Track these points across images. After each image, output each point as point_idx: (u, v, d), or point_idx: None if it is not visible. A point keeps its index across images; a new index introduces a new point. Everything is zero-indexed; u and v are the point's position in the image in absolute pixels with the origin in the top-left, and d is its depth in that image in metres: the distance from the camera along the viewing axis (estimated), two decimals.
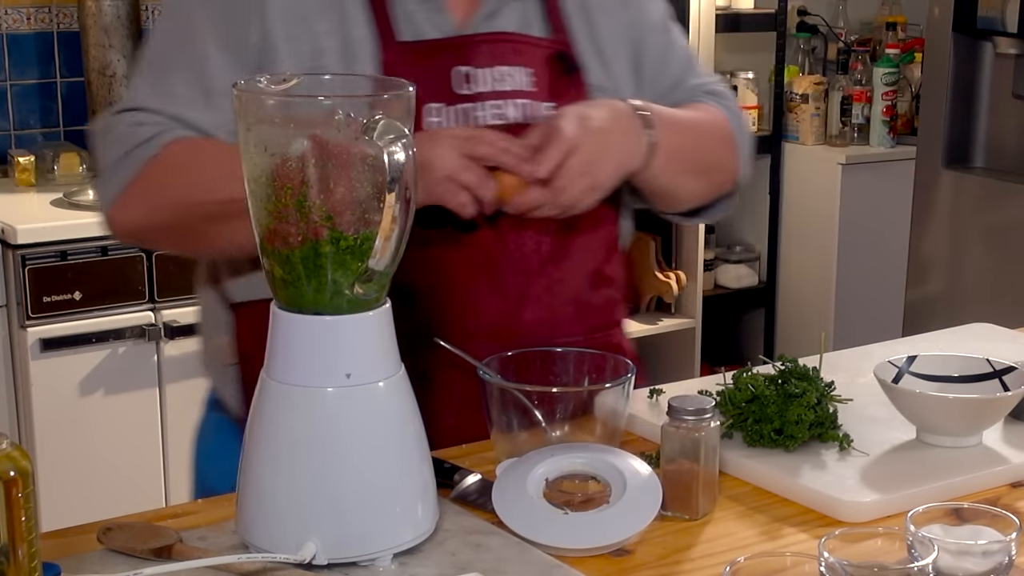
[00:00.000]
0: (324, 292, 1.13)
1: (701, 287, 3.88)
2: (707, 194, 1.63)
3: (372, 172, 1.11)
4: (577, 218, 1.46)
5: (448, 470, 1.32)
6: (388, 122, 1.09)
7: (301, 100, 1.12)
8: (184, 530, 1.21)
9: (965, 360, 1.49)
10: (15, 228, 2.81)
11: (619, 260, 1.61)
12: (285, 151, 1.11)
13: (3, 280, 2.87)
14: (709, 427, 1.27)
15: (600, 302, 1.57)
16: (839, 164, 3.98)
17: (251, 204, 1.15)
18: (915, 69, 4.13)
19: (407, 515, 1.17)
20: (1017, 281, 3.45)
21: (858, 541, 1.10)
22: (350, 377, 1.14)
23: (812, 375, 1.42)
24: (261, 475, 1.15)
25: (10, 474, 0.94)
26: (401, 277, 1.19)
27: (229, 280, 1.50)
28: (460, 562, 1.17)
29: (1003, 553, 1.10)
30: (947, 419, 1.40)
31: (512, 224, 1.45)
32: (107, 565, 1.15)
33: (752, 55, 4.20)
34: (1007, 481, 1.37)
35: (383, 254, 1.11)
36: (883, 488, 1.31)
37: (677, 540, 1.24)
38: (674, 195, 1.58)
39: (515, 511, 1.22)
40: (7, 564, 0.95)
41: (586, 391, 1.38)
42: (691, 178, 1.56)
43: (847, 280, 4.05)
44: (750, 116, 4.08)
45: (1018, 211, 3.48)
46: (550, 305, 1.51)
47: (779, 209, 4.18)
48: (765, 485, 1.35)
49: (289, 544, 1.13)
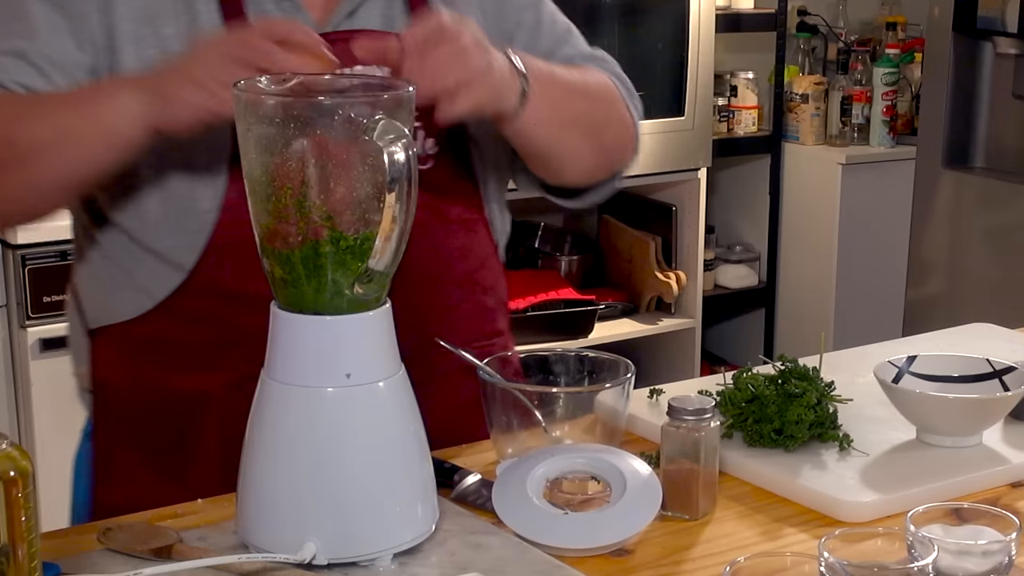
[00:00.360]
0: (324, 292, 1.13)
1: (701, 287, 3.87)
2: (600, 160, 1.51)
3: (372, 172, 1.11)
4: (444, 222, 1.42)
5: (448, 470, 1.32)
6: (388, 122, 1.09)
7: (301, 100, 1.12)
8: (184, 530, 1.21)
9: (965, 360, 1.49)
10: (15, 228, 2.81)
11: (495, 267, 1.53)
12: (285, 151, 1.11)
13: (3, 280, 2.86)
14: (709, 427, 1.27)
15: (474, 311, 1.51)
16: (839, 164, 3.98)
17: (251, 204, 1.15)
18: (915, 69, 4.13)
19: (407, 515, 1.17)
20: (1017, 281, 3.45)
21: (858, 541, 1.10)
22: (350, 377, 1.14)
23: (812, 375, 1.42)
24: (261, 475, 1.15)
25: (10, 474, 0.94)
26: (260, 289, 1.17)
27: (87, 302, 1.46)
28: (460, 562, 1.17)
29: (1003, 553, 1.10)
30: (947, 419, 1.40)
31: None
32: (107, 565, 1.15)
33: (752, 55, 4.20)
34: (1007, 481, 1.37)
35: (383, 254, 1.11)
36: (883, 488, 1.31)
37: (677, 540, 1.24)
38: (560, 156, 1.45)
39: (515, 511, 1.22)
40: (7, 564, 0.95)
41: (586, 391, 1.38)
42: (576, 136, 1.45)
43: (847, 280, 4.05)
44: (750, 116, 4.09)
45: (1018, 211, 3.48)
46: (417, 317, 1.40)
47: (779, 209, 4.17)
48: (765, 485, 1.35)
49: (289, 544, 1.13)
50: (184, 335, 1.40)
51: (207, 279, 1.37)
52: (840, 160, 3.98)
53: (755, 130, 4.11)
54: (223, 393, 1.39)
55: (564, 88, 1.42)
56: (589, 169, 1.51)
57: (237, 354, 1.36)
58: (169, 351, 1.41)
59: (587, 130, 1.46)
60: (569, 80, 1.44)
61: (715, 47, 3.74)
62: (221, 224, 1.36)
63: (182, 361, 1.41)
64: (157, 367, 1.41)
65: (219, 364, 1.39)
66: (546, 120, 1.38)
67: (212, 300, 1.38)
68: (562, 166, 1.48)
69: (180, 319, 1.39)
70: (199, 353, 1.40)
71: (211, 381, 1.39)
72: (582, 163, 1.49)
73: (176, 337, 1.40)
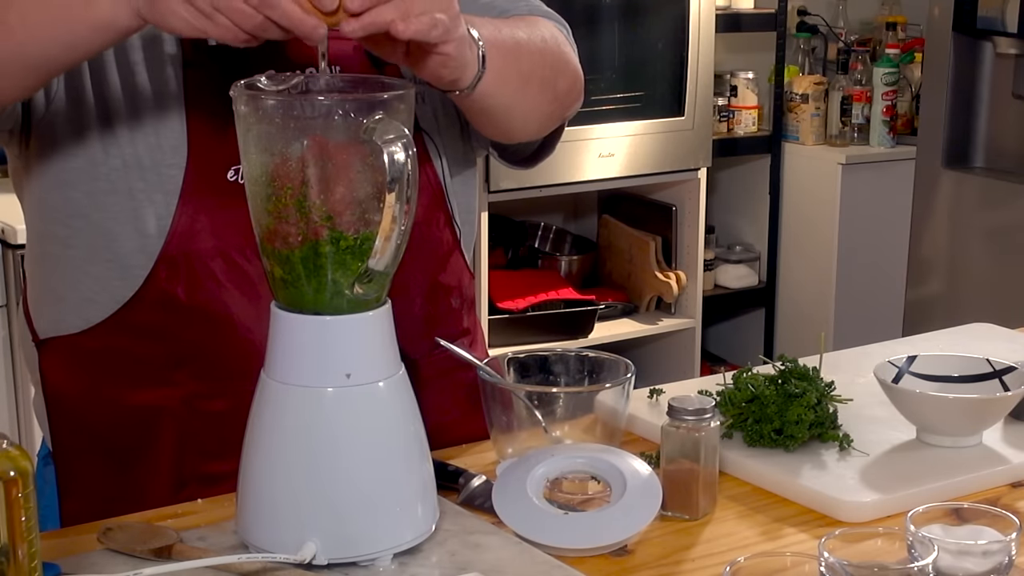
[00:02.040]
0: (324, 292, 1.13)
1: (701, 287, 3.88)
2: (552, 109, 1.44)
3: (372, 172, 1.11)
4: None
5: (452, 473, 1.32)
6: (388, 122, 1.09)
7: (301, 100, 1.12)
8: (184, 530, 1.21)
9: (965, 360, 1.49)
10: (15, 228, 2.81)
11: (457, 264, 1.49)
12: (285, 151, 1.11)
13: (3, 280, 2.86)
14: (709, 427, 1.27)
15: (437, 315, 1.47)
16: (839, 164, 3.98)
17: (251, 204, 1.15)
18: (915, 69, 4.13)
19: (407, 515, 1.17)
20: (1017, 281, 3.45)
21: (858, 541, 1.10)
22: (350, 377, 1.14)
23: (812, 375, 1.42)
24: (261, 475, 1.15)
25: (10, 474, 0.94)
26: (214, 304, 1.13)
27: (35, 311, 1.43)
28: (460, 562, 1.17)
29: (1003, 553, 1.10)
30: (947, 419, 1.40)
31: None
32: (107, 565, 1.15)
33: (752, 55, 4.20)
34: (1007, 481, 1.37)
35: (383, 254, 1.11)
36: (883, 488, 1.31)
37: (677, 540, 1.24)
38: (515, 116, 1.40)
39: (515, 511, 1.22)
40: (7, 564, 0.95)
41: (586, 391, 1.38)
42: (531, 95, 1.39)
43: (847, 280, 4.05)
44: (750, 116, 4.09)
45: (1018, 211, 3.48)
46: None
47: (779, 209, 4.18)
48: (765, 485, 1.35)
49: (289, 544, 1.13)
50: (134, 349, 1.37)
51: (158, 292, 1.34)
52: (840, 160, 3.98)
53: (755, 130, 4.11)
54: (175, 409, 1.37)
55: (516, 50, 1.36)
56: (541, 124, 1.47)
57: (188, 370, 1.36)
58: (119, 365, 1.38)
59: (541, 86, 1.41)
60: (519, 39, 1.38)
61: (715, 47, 3.74)
62: (173, 235, 1.33)
63: (132, 375, 1.38)
64: (107, 381, 1.38)
65: (171, 379, 1.37)
66: (501, 86, 1.33)
67: (162, 314, 1.35)
68: (514, 126, 1.43)
69: (129, 333, 1.36)
70: (149, 368, 1.37)
71: (162, 396, 1.37)
72: (535, 119, 1.44)
73: (126, 351, 1.37)
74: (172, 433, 1.38)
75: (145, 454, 1.39)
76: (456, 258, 1.49)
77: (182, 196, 1.33)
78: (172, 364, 1.36)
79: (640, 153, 3.66)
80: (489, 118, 1.39)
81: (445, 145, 1.46)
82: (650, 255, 3.79)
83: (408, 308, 1.39)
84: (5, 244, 2.85)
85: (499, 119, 1.39)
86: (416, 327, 1.42)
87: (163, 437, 1.38)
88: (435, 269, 1.46)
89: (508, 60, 1.33)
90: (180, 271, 1.34)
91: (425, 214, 1.42)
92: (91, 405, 1.40)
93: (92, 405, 1.40)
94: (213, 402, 1.36)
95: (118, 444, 1.40)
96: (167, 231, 1.33)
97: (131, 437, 1.39)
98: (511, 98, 1.37)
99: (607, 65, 3.62)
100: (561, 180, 3.54)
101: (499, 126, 1.42)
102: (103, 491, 1.40)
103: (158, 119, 1.33)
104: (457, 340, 1.47)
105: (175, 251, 1.34)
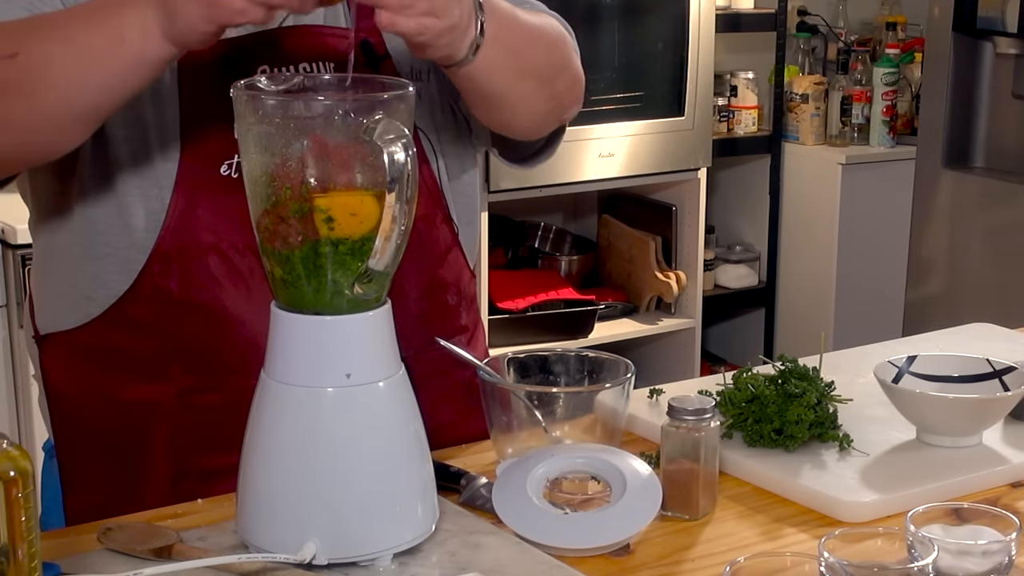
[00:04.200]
0: (324, 292, 1.13)
1: (701, 287, 3.88)
2: (551, 106, 1.44)
3: (372, 172, 1.11)
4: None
5: (454, 474, 1.32)
6: (388, 122, 1.09)
7: (301, 100, 1.12)
8: (184, 530, 1.21)
9: (965, 360, 1.49)
10: (15, 228, 2.81)
11: (456, 260, 1.48)
12: (285, 151, 1.11)
13: (3, 280, 2.86)
14: (709, 427, 1.27)
15: (435, 313, 1.46)
16: (839, 164, 3.98)
17: (251, 204, 1.15)
18: (915, 69, 4.13)
19: (407, 515, 1.17)
20: (1017, 281, 3.45)
21: (858, 541, 1.11)
22: (350, 377, 1.14)
23: (812, 375, 1.42)
24: (261, 475, 1.15)
25: (10, 474, 0.94)
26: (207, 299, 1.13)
27: (37, 307, 1.44)
28: (460, 562, 1.17)
29: (1003, 553, 1.10)
30: (947, 419, 1.40)
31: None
32: (107, 565, 1.15)
33: (752, 55, 4.20)
34: (1007, 481, 1.37)
35: (383, 254, 1.11)
36: (883, 488, 1.31)
37: (677, 540, 1.24)
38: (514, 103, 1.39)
39: (515, 511, 1.22)
40: (7, 564, 0.95)
41: (586, 391, 1.38)
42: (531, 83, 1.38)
43: (847, 280, 4.05)
44: (750, 116, 4.09)
45: (1018, 211, 3.48)
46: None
47: (779, 209, 4.18)
48: (765, 485, 1.35)
49: (289, 544, 1.13)
50: (128, 344, 1.37)
51: (151, 286, 1.34)
52: (840, 160, 3.98)
53: (755, 130, 4.11)
54: (171, 405, 1.37)
55: (524, 33, 1.36)
56: (540, 117, 1.45)
57: (182, 364, 1.36)
58: (114, 360, 1.38)
59: (542, 77, 1.40)
60: (530, 24, 1.38)
61: (715, 47, 3.74)
62: (167, 229, 1.33)
63: (127, 371, 1.38)
64: (103, 376, 1.39)
65: (165, 374, 1.37)
66: (502, 65, 1.32)
67: (156, 309, 1.35)
68: (514, 113, 1.41)
69: (124, 328, 1.37)
70: (144, 363, 1.37)
71: (156, 391, 1.37)
72: (534, 111, 1.43)
73: (121, 346, 1.37)
74: (166, 428, 1.38)
75: (141, 449, 1.39)
76: (455, 256, 1.49)
77: (176, 190, 1.33)
78: (166, 359, 1.37)
79: (640, 153, 3.66)
80: (483, 100, 1.37)
81: (442, 144, 1.46)
82: (650, 255, 3.79)
83: (403, 305, 1.37)
84: (5, 244, 2.85)
85: (494, 102, 1.38)
86: (410, 324, 1.40)
87: (158, 432, 1.38)
88: (432, 266, 1.46)
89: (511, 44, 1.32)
90: (173, 265, 1.34)
91: (421, 211, 1.42)
92: (89, 400, 1.40)
93: (90, 400, 1.40)
94: (207, 396, 1.37)
95: (115, 439, 1.40)
96: (160, 225, 1.34)
97: (128, 432, 1.39)
98: (509, 84, 1.35)
99: (607, 65, 3.62)
100: (561, 180, 3.54)
101: (493, 111, 1.40)
102: (104, 487, 1.40)
103: (152, 113, 1.33)
104: (454, 337, 1.46)
105: (168, 245, 1.34)
